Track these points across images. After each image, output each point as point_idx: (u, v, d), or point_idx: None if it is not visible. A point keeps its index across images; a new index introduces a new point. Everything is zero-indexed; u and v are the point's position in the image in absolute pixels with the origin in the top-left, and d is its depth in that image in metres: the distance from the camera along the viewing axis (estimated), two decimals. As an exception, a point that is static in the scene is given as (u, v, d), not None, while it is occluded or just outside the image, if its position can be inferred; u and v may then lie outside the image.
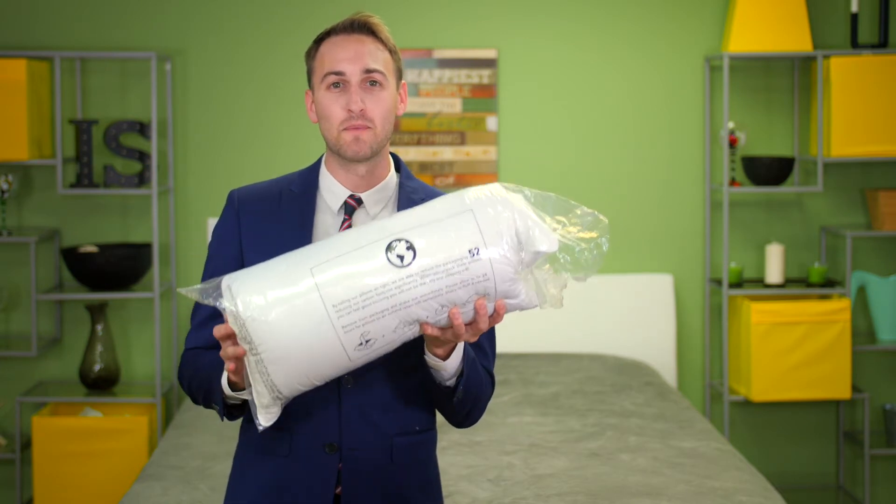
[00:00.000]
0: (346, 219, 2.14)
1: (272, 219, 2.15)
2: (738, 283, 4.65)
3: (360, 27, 2.12)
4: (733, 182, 4.63)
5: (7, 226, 4.57)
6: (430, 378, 2.07)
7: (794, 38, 4.57)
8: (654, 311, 4.73)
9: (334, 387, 2.10)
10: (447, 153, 4.75)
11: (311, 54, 2.16)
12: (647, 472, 3.30)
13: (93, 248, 4.50)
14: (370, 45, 2.12)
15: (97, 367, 4.50)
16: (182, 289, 1.93)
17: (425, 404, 2.18)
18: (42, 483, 4.35)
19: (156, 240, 4.49)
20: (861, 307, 4.81)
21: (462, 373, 2.06)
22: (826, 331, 4.52)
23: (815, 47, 4.71)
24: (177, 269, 4.71)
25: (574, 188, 4.75)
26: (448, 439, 3.58)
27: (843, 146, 4.50)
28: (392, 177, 2.20)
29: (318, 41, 2.15)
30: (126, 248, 4.57)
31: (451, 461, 3.40)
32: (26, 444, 4.54)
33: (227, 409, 2.07)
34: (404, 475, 2.16)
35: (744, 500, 3.07)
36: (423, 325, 1.92)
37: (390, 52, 2.14)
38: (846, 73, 4.48)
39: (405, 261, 1.88)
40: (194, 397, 2.16)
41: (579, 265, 1.97)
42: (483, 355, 2.18)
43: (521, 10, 4.75)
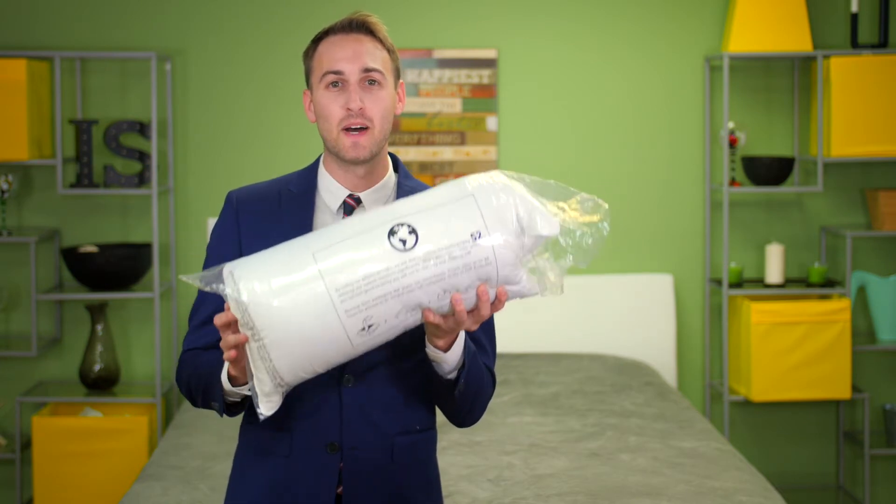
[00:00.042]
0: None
1: (271, 219, 2.16)
2: (738, 283, 4.64)
3: (359, 26, 2.13)
4: (733, 182, 4.63)
5: (7, 226, 4.57)
6: (431, 373, 2.07)
7: (794, 38, 4.57)
8: (654, 311, 4.72)
9: (335, 386, 2.10)
10: (447, 153, 4.75)
11: (309, 54, 2.16)
12: (647, 472, 3.30)
13: (93, 248, 4.50)
14: (368, 44, 2.12)
15: (97, 367, 4.50)
16: (184, 276, 1.93)
17: (426, 403, 2.18)
18: (42, 483, 4.35)
19: (156, 240, 4.49)
20: (861, 307, 4.81)
21: (463, 365, 2.06)
22: (826, 331, 4.52)
23: (815, 47, 4.71)
24: (177, 269, 4.71)
25: (574, 188, 4.73)
26: (448, 439, 3.58)
27: (843, 146, 4.49)
28: (390, 176, 2.20)
29: (316, 41, 2.15)
30: (126, 248, 4.57)
31: (451, 461, 3.39)
32: (26, 444, 4.54)
33: (226, 406, 2.06)
34: (405, 475, 2.17)
35: (744, 500, 3.07)
36: (425, 311, 1.92)
37: (388, 51, 2.15)
38: (846, 73, 4.48)
39: (408, 245, 1.89)
40: (192, 397, 2.16)
41: (581, 249, 1.97)
42: (484, 353, 2.18)
43: (521, 10, 4.75)
